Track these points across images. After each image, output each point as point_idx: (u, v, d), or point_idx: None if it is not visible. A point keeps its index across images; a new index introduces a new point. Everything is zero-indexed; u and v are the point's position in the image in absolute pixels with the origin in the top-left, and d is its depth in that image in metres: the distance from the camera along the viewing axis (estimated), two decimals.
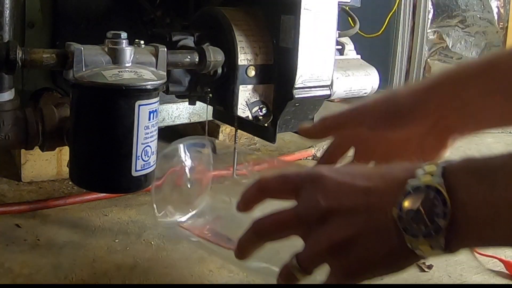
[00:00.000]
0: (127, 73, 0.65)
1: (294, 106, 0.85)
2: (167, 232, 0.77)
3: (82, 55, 0.64)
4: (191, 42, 0.83)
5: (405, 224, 0.43)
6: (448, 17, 2.13)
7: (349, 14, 1.06)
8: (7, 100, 0.72)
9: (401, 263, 0.47)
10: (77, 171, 0.68)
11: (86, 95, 0.65)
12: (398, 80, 1.99)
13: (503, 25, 2.07)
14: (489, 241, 0.43)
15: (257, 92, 0.85)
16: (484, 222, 0.41)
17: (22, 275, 0.66)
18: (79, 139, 0.67)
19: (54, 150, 0.78)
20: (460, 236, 0.43)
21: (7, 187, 0.91)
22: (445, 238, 0.42)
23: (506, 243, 0.43)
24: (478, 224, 0.42)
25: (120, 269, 0.69)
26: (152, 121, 0.66)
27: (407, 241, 0.44)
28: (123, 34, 0.67)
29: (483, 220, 0.41)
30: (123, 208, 0.86)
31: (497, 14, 2.07)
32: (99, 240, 0.76)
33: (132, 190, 0.69)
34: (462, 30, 2.13)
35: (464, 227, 0.42)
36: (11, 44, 0.64)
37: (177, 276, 0.68)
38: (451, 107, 0.56)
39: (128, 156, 0.64)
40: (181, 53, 0.77)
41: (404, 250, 0.44)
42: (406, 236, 0.44)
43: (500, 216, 0.41)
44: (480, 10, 2.09)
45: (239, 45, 0.82)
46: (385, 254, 0.46)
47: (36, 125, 0.73)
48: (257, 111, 0.85)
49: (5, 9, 0.70)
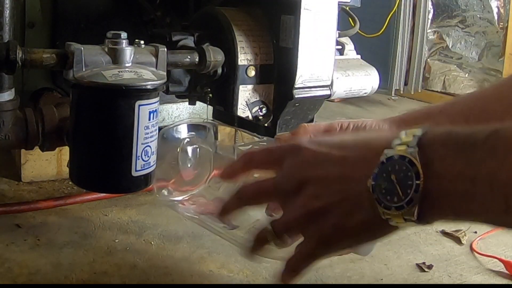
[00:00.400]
0: (127, 73, 0.65)
1: (294, 106, 0.85)
2: (165, 205, 0.78)
3: (82, 55, 0.64)
4: (191, 42, 0.83)
5: (378, 196, 0.43)
6: (448, 17, 2.13)
7: (349, 14, 1.06)
8: (7, 100, 0.72)
9: (376, 232, 0.47)
10: (77, 171, 0.68)
11: (86, 95, 0.65)
12: (398, 80, 1.99)
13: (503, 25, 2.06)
14: (463, 215, 0.42)
15: (257, 92, 0.85)
16: (459, 196, 0.41)
17: (22, 275, 0.66)
18: (79, 139, 0.67)
19: (54, 150, 0.78)
20: (434, 208, 0.42)
21: (7, 187, 0.91)
22: (418, 210, 0.42)
23: (481, 218, 0.42)
24: (453, 197, 0.41)
25: (120, 269, 0.69)
26: (152, 121, 0.66)
27: (380, 212, 0.43)
28: (123, 34, 0.67)
29: (459, 194, 0.41)
30: (123, 208, 0.86)
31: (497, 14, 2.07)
32: (99, 240, 0.76)
33: (132, 190, 0.69)
34: (462, 30, 2.13)
35: (438, 200, 0.42)
36: (11, 44, 0.64)
37: (177, 276, 0.68)
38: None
39: (128, 156, 0.64)
40: (181, 53, 0.77)
41: (378, 220, 0.44)
42: (379, 208, 0.43)
43: (475, 191, 0.40)
44: (480, 10, 2.09)
45: (239, 45, 0.82)
46: (359, 222, 0.46)
47: (36, 125, 0.73)
48: (257, 111, 0.85)
49: (5, 9, 0.70)
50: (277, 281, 0.51)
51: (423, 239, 0.83)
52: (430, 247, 0.81)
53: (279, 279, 0.51)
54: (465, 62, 2.14)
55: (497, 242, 0.83)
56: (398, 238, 0.83)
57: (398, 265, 0.75)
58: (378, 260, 0.75)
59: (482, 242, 0.83)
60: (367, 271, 0.73)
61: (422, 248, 0.80)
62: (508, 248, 0.81)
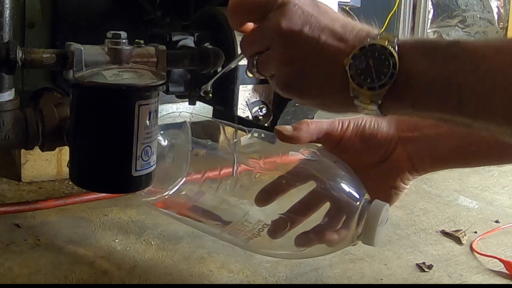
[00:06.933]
0: (127, 73, 0.65)
1: (294, 106, 0.85)
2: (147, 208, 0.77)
3: (82, 55, 0.64)
4: (191, 42, 0.83)
5: (354, 73, 0.49)
6: (448, 17, 2.13)
7: (349, 14, 1.06)
8: (7, 100, 0.72)
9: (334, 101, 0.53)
10: (77, 171, 0.68)
11: (86, 95, 0.65)
12: None
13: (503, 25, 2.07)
14: (421, 109, 0.49)
15: (257, 92, 0.85)
16: (421, 92, 0.47)
17: (22, 275, 0.66)
18: (79, 139, 0.67)
19: (54, 150, 0.78)
20: (396, 98, 0.48)
21: (7, 187, 0.91)
22: (385, 95, 0.48)
23: (435, 114, 0.48)
24: (415, 91, 0.48)
25: (120, 269, 0.69)
26: (152, 121, 0.65)
27: (350, 88, 0.50)
28: (123, 34, 0.67)
29: (420, 90, 0.47)
30: (123, 208, 0.86)
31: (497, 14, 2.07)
32: (99, 240, 0.76)
33: (132, 190, 0.69)
34: (462, 30, 2.13)
35: (402, 91, 0.48)
36: (11, 44, 0.64)
37: (177, 276, 0.69)
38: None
39: (128, 156, 0.64)
40: (181, 53, 0.77)
41: (343, 93, 0.50)
42: (352, 83, 0.49)
43: (434, 88, 0.46)
44: (480, 10, 2.09)
45: (239, 45, 0.82)
46: (323, 83, 0.52)
47: (36, 125, 0.73)
48: (257, 111, 0.85)
49: (5, 9, 0.70)
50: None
51: (423, 239, 0.83)
52: (430, 247, 0.81)
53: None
54: None
55: (497, 242, 0.83)
56: (398, 238, 0.83)
57: (398, 265, 0.75)
58: (378, 260, 0.75)
59: (482, 242, 0.83)
60: (367, 271, 0.73)
61: (422, 248, 0.80)
62: (508, 248, 0.81)
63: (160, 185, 0.71)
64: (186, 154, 0.72)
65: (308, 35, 0.51)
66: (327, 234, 0.61)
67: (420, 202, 0.98)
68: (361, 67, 0.49)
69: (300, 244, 0.62)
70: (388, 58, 0.48)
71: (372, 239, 0.60)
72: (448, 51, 0.47)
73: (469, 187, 1.07)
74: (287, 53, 0.53)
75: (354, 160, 0.65)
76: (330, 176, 0.64)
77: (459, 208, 0.97)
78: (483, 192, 1.05)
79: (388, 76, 0.48)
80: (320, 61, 0.52)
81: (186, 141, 0.72)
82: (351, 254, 0.75)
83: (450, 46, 0.47)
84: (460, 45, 0.46)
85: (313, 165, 0.67)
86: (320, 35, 0.51)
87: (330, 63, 0.51)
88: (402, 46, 0.48)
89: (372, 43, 0.49)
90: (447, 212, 0.94)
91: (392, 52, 0.48)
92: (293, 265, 0.71)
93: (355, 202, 0.61)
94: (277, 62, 0.54)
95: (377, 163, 0.67)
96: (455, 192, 1.04)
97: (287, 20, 0.52)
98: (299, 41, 0.52)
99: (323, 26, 0.52)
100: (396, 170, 0.67)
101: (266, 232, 0.63)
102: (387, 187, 0.67)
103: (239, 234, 0.65)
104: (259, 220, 0.64)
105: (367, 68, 0.49)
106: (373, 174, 0.66)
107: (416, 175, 0.67)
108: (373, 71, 0.48)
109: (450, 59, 0.46)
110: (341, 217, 0.62)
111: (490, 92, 0.44)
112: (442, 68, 0.46)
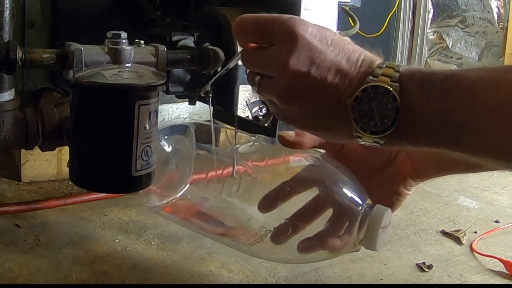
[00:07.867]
0: (127, 73, 0.65)
1: None
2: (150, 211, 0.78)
3: (82, 55, 0.64)
4: (191, 42, 0.83)
5: (356, 116, 0.49)
6: (448, 17, 2.13)
7: (349, 14, 1.06)
8: (7, 100, 0.72)
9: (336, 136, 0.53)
10: (77, 171, 0.68)
11: (86, 95, 0.65)
12: None
13: (503, 25, 2.07)
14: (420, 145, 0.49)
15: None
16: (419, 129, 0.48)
17: (22, 275, 0.66)
18: (79, 139, 0.67)
19: (54, 150, 0.78)
20: (398, 137, 0.49)
21: (7, 187, 0.91)
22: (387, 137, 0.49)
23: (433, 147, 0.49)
24: (414, 129, 0.48)
25: (120, 269, 0.69)
26: (152, 121, 0.65)
27: (353, 129, 0.50)
28: (123, 34, 0.67)
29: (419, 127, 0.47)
30: (123, 208, 0.86)
31: (497, 14, 2.08)
32: (99, 240, 0.76)
33: (132, 190, 0.69)
34: (462, 30, 2.13)
35: (403, 131, 0.48)
36: (11, 44, 0.64)
37: (177, 276, 0.69)
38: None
39: (128, 156, 0.64)
40: (181, 53, 0.77)
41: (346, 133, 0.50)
42: (354, 126, 0.49)
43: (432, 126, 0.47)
44: (480, 10, 2.09)
45: (239, 45, 0.82)
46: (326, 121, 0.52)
47: (36, 125, 0.73)
48: (257, 111, 0.85)
49: (5, 9, 0.70)
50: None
51: (423, 239, 0.83)
52: (430, 247, 0.81)
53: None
54: (465, 62, 2.14)
55: (497, 242, 0.83)
56: (398, 238, 0.83)
57: (398, 265, 0.75)
58: (378, 260, 0.75)
59: (482, 242, 0.83)
60: (367, 271, 0.73)
61: (422, 248, 0.80)
62: (508, 248, 0.81)
63: (166, 190, 0.72)
64: (190, 159, 0.72)
65: (314, 76, 0.50)
66: (330, 240, 0.60)
67: (420, 202, 0.98)
68: (364, 109, 0.48)
69: (303, 250, 0.62)
70: (391, 102, 0.47)
71: (374, 244, 0.60)
72: (444, 85, 0.46)
73: (469, 187, 1.07)
74: (291, 91, 0.52)
75: (356, 166, 0.65)
76: (333, 181, 0.63)
77: (459, 208, 0.97)
78: (483, 192, 1.05)
79: (391, 121, 0.48)
80: (324, 102, 0.51)
81: (191, 146, 0.72)
82: (351, 254, 0.75)
83: (446, 80, 0.47)
84: (455, 78, 0.46)
85: (316, 171, 0.66)
86: (327, 75, 0.50)
87: (333, 104, 0.50)
88: (401, 81, 0.48)
89: (375, 85, 0.48)
90: (447, 212, 0.94)
91: (395, 95, 0.47)
92: (293, 265, 0.71)
93: (357, 207, 0.61)
94: (279, 95, 0.53)
95: (379, 169, 0.67)
96: (455, 192, 1.04)
97: (295, 59, 0.50)
98: (305, 81, 0.51)
99: (330, 64, 0.50)
100: (399, 176, 0.66)
101: (269, 237, 0.63)
102: (390, 193, 0.66)
103: (242, 239, 0.65)
104: (262, 226, 0.64)
105: (370, 111, 0.48)
106: (376, 180, 0.66)
107: (419, 181, 0.67)
108: (376, 115, 0.48)
109: (446, 95, 0.46)
110: (344, 223, 0.61)
111: (486, 130, 0.44)
112: (439, 104, 0.46)
